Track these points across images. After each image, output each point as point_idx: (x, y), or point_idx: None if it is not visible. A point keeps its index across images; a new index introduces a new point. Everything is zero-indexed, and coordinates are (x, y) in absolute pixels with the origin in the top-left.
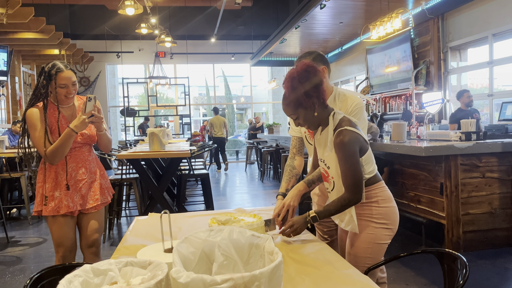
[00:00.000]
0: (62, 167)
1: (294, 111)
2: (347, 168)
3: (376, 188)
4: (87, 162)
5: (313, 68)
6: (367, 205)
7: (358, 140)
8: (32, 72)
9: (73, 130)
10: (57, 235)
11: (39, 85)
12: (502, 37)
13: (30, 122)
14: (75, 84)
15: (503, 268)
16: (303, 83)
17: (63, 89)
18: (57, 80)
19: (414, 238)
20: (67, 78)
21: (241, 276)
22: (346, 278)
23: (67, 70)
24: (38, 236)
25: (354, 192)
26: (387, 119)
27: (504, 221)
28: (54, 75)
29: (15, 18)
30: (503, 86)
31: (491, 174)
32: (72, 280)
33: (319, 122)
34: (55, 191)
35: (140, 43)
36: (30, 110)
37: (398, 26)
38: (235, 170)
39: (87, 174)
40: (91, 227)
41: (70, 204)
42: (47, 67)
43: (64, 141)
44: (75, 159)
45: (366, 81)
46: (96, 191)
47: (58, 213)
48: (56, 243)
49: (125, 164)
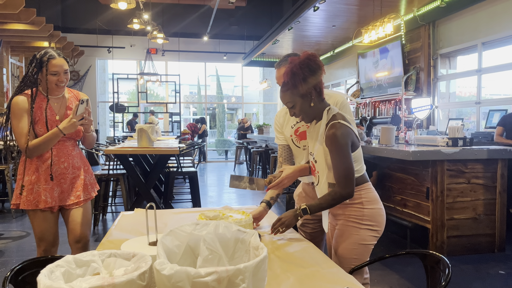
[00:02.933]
0: (43, 159)
1: (291, 98)
2: (339, 161)
3: (362, 189)
4: (70, 157)
5: (315, 58)
6: (352, 206)
7: (351, 135)
8: (21, 64)
9: (61, 131)
10: (38, 230)
11: (29, 73)
12: (491, 46)
13: (15, 111)
14: (67, 72)
15: (485, 273)
16: (303, 70)
17: (54, 76)
18: (49, 67)
19: (399, 242)
20: (59, 65)
21: (225, 270)
22: (331, 277)
23: (60, 58)
24: (21, 230)
25: (345, 186)
26: (376, 123)
27: (488, 227)
28: (45, 61)
29: (5, 8)
30: (490, 95)
31: (477, 180)
32: (54, 270)
33: (314, 114)
34: (34, 184)
35: (132, 39)
36: (16, 98)
37: (390, 31)
38: (224, 170)
39: (70, 169)
40: (75, 222)
41: (48, 200)
42: (39, 54)
43: (49, 139)
44: (58, 152)
45: (356, 85)
46: (79, 187)
47: (36, 207)
48: (38, 238)
49: (113, 160)
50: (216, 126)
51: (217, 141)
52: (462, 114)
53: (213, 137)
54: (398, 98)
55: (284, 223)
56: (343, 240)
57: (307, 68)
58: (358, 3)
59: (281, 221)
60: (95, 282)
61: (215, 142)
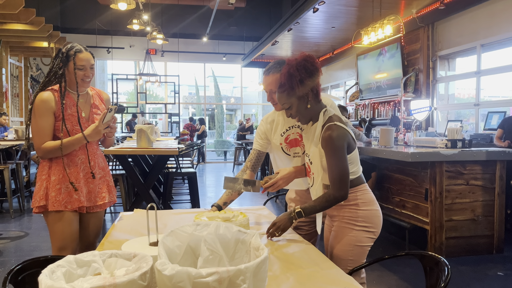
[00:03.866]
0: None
1: (288, 99)
2: (334, 163)
3: (358, 190)
4: (96, 156)
5: (312, 59)
6: (347, 208)
7: (347, 137)
8: (20, 64)
9: (85, 137)
10: (61, 236)
11: (55, 67)
12: (490, 48)
13: (39, 107)
14: (93, 67)
15: (483, 274)
16: (300, 72)
17: (81, 71)
18: (76, 61)
19: (397, 243)
20: (86, 59)
21: (226, 270)
22: (330, 277)
23: (86, 52)
24: (19, 230)
25: (339, 188)
26: (375, 124)
27: (486, 228)
28: (72, 55)
29: (5, 8)
30: (489, 97)
31: (475, 181)
32: (55, 270)
33: (311, 116)
34: (61, 184)
35: (131, 40)
36: (41, 94)
37: (389, 33)
38: (223, 171)
39: (96, 169)
40: (89, 230)
41: (82, 198)
42: (65, 48)
43: (70, 144)
44: (85, 151)
45: (355, 87)
46: (104, 189)
47: (65, 208)
48: (59, 246)
49: (112, 160)
50: (215, 127)
51: (216, 142)
52: (461, 116)
53: (212, 138)
54: (397, 99)
55: (280, 227)
56: (338, 242)
57: (304, 70)
58: (357, 5)
59: (276, 226)
60: (97, 282)
61: (214, 143)
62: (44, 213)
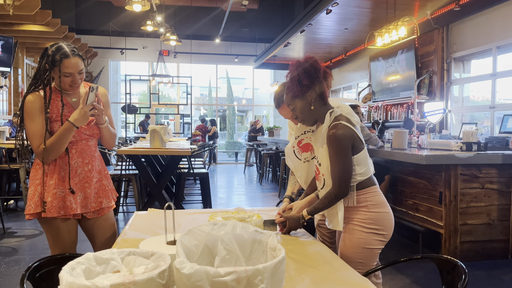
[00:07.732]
0: (65, 161)
1: (291, 101)
2: (335, 161)
3: (367, 192)
4: (93, 159)
5: (314, 61)
6: (356, 210)
7: (352, 136)
8: (35, 64)
9: (73, 124)
10: (59, 243)
11: (41, 69)
12: (506, 50)
13: (28, 111)
14: (82, 72)
15: (499, 279)
16: (301, 74)
17: (68, 78)
18: (62, 68)
19: (411, 246)
20: (73, 66)
21: (244, 270)
22: (345, 279)
23: (74, 57)
24: (34, 228)
25: (338, 186)
26: (389, 126)
27: (502, 232)
28: (58, 61)
29: (21, 9)
30: (504, 100)
31: (491, 185)
32: (75, 267)
33: (316, 117)
34: (57, 188)
35: (144, 41)
36: (29, 97)
37: (403, 34)
38: (234, 172)
39: (93, 172)
40: (98, 233)
41: (73, 206)
42: (51, 50)
43: (62, 136)
44: (81, 153)
45: (368, 88)
46: (100, 193)
47: (59, 214)
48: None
49: (125, 160)
50: (226, 128)
51: (227, 143)
52: (476, 119)
53: (223, 139)
54: (410, 101)
55: (291, 227)
56: (347, 243)
57: (304, 72)
58: (371, 6)
59: (288, 226)
60: (116, 279)
61: (225, 144)
62: (39, 219)
